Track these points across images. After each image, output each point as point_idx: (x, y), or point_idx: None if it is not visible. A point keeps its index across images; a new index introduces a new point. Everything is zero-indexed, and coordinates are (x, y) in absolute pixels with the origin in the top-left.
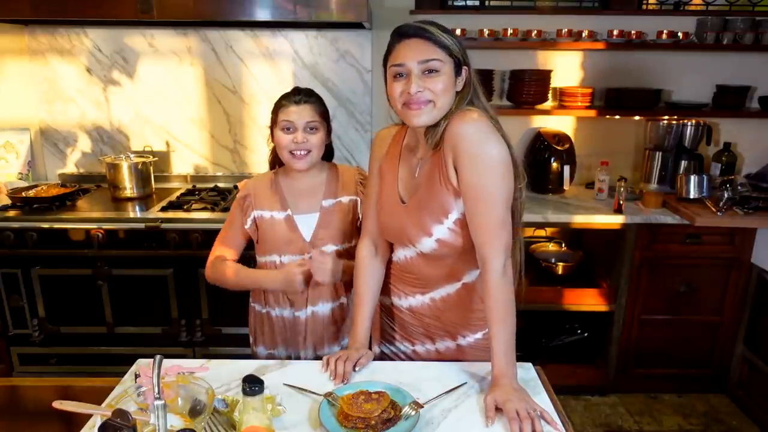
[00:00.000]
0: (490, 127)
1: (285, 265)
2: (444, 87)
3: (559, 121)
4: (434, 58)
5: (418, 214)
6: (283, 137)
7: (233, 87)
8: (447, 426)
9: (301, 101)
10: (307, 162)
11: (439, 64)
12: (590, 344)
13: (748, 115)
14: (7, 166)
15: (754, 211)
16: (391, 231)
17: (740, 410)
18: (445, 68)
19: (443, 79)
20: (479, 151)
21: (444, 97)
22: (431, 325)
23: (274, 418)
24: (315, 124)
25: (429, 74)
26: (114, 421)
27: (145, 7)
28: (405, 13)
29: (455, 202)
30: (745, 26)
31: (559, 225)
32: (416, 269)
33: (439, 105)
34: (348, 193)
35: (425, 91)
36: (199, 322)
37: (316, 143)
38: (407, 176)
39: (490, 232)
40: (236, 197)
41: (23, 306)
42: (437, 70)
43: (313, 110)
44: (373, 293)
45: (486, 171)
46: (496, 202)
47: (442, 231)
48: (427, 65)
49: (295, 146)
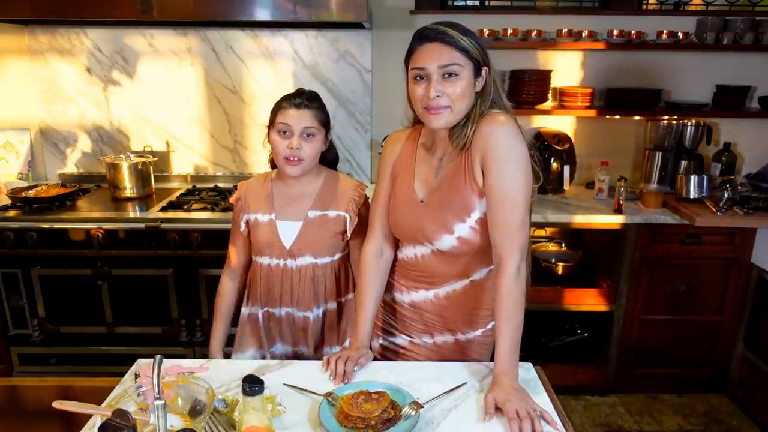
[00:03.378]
0: (518, 130)
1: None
2: (462, 91)
3: (559, 121)
4: (453, 63)
5: (439, 212)
6: (278, 141)
7: (233, 87)
8: (447, 426)
9: (301, 105)
10: (300, 169)
11: (458, 68)
12: (590, 344)
13: (748, 115)
14: (7, 166)
15: (754, 211)
16: (406, 229)
17: (740, 410)
18: (464, 72)
19: (461, 84)
20: (508, 153)
21: (461, 102)
22: (432, 320)
23: (274, 418)
24: (312, 130)
25: (448, 78)
26: (114, 421)
27: (145, 7)
28: (405, 13)
29: (479, 202)
30: (745, 26)
31: (559, 225)
32: (427, 267)
33: (456, 110)
34: (338, 208)
35: (443, 97)
36: (199, 322)
37: (310, 152)
38: (427, 176)
39: (511, 232)
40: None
41: (23, 306)
42: (456, 74)
43: (313, 116)
44: (377, 294)
45: (514, 173)
46: (519, 204)
47: (463, 229)
48: (447, 69)
49: (290, 152)
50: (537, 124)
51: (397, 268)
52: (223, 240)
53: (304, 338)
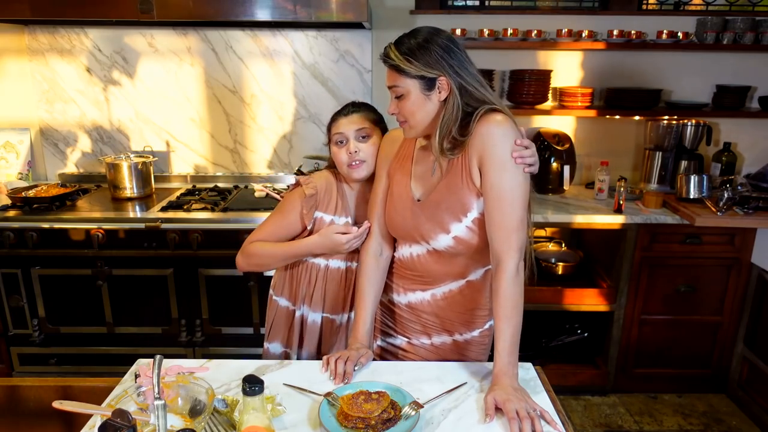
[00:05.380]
0: (515, 128)
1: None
2: (412, 108)
3: (559, 121)
4: (395, 85)
5: (436, 211)
6: (338, 152)
7: (233, 87)
8: (447, 426)
9: (349, 112)
10: (364, 170)
11: (403, 90)
12: (590, 344)
13: (748, 115)
14: (7, 166)
15: (754, 211)
16: (403, 228)
17: (740, 410)
18: (413, 89)
19: (410, 101)
20: (506, 153)
21: (415, 115)
22: (429, 321)
23: (274, 418)
24: (366, 131)
25: (398, 99)
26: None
27: (145, 7)
28: (405, 13)
29: (476, 202)
30: (745, 26)
31: (559, 225)
32: (423, 266)
33: (414, 122)
34: None
35: (399, 114)
36: (199, 322)
37: (369, 152)
38: (423, 175)
39: (509, 232)
40: (299, 193)
41: (23, 306)
42: (403, 96)
43: (363, 118)
44: (376, 293)
45: (512, 173)
46: (517, 203)
47: (460, 229)
48: (394, 90)
49: (349, 157)
50: (537, 124)
51: (394, 269)
52: (223, 240)
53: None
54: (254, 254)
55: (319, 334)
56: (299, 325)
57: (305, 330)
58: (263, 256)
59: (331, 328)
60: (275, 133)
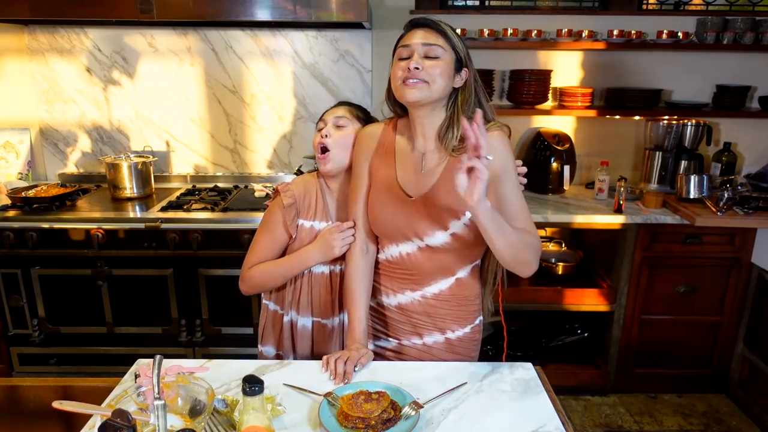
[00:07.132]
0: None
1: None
2: (441, 71)
3: (559, 121)
4: (437, 44)
5: (433, 209)
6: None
7: (233, 87)
8: (447, 426)
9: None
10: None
11: (440, 51)
12: (590, 344)
13: (748, 115)
14: (7, 166)
15: (754, 211)
16: (391, 226)
17: (740, 410)
18: (446, 56)
19: (441, 65)
20: (512, 164)
21: (440, 80)
22: (420, 321)
23: (274, 418)
24: (343, 120)
25: (430, 59)
26: (114, 421)
27: (145, 7)
28: (405, 13)
29: None
30: (745, 26)
31: (559, 225)
32: (413, 264)
33: (434, 87)
34: None
35: (422, 71)
36: (199, 322)
37: (336, 138)
38: (409, 170)
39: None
40: (278, 204)
41: (23, 306)
42: (438, 57)
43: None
44: (367, 290)
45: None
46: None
47: (458, 226)
48: (430, 48)
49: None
50: (537, 124)
51: (381, 271)
52: (223, 240)
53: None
54: (254, 279)
55: (311, 338)
56: (289, 329)
57: (296, 334)
58: (264, 279)
59: (323, 333)
60: (275, 133)
